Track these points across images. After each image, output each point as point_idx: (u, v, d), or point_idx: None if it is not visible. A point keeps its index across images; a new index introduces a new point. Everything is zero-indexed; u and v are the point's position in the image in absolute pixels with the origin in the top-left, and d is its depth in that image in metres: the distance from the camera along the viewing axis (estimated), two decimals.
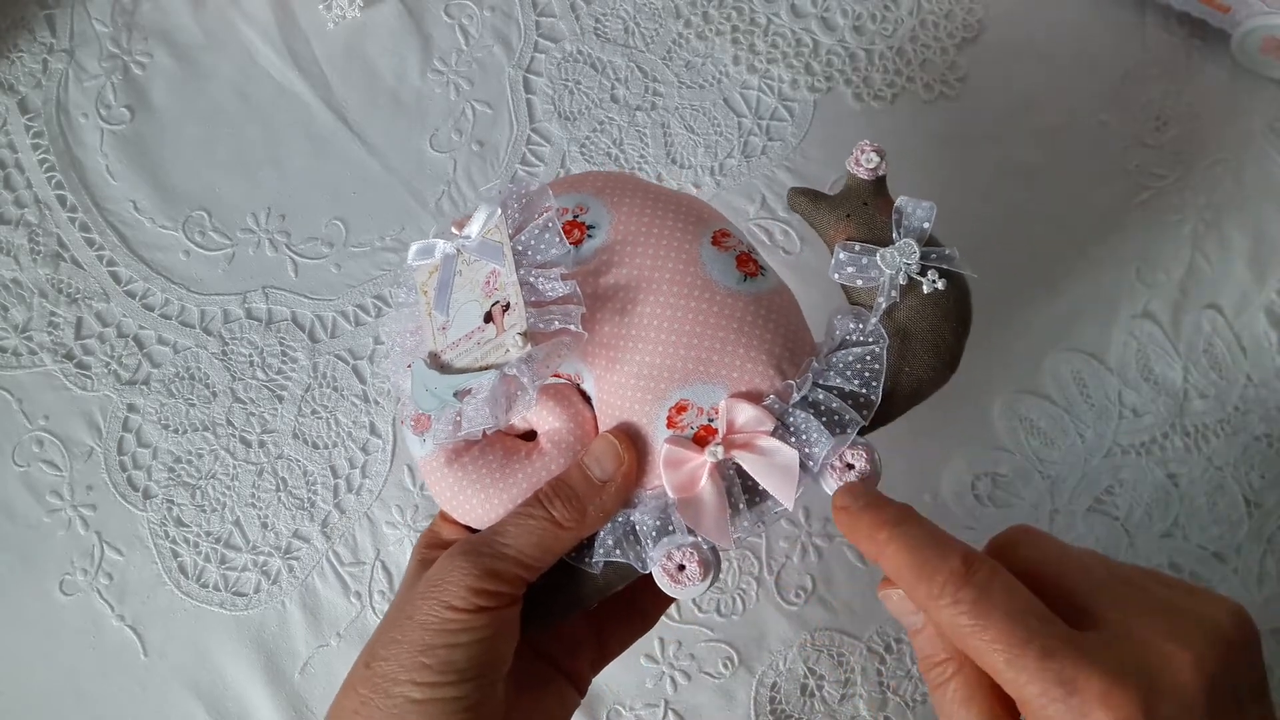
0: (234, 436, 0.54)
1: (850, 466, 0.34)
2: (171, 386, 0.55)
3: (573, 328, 0.35)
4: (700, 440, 0.35)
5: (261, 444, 0.54)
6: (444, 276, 0.38)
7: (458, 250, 0.38)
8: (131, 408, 0.54)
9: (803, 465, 0.34)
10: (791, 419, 0.35)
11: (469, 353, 0.36)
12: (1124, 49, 0.58)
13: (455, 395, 0.36)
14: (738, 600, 0.50)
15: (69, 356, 0.55)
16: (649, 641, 0.50)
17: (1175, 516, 0.51)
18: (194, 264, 0.57)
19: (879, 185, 0.38)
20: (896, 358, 0.36)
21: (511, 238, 0.37)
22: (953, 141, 0.57)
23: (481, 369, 0.35)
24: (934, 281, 0.36)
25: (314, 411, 0.54)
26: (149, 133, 0.59)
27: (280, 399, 0.54)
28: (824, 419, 0.35)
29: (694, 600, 0.36)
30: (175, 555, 0.52)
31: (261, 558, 0.52)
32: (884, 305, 0.36)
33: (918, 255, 0.36)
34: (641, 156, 0.57)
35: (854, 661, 0.50)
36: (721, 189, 0.57)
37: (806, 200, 0.39)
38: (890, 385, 0.36)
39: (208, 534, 0.52)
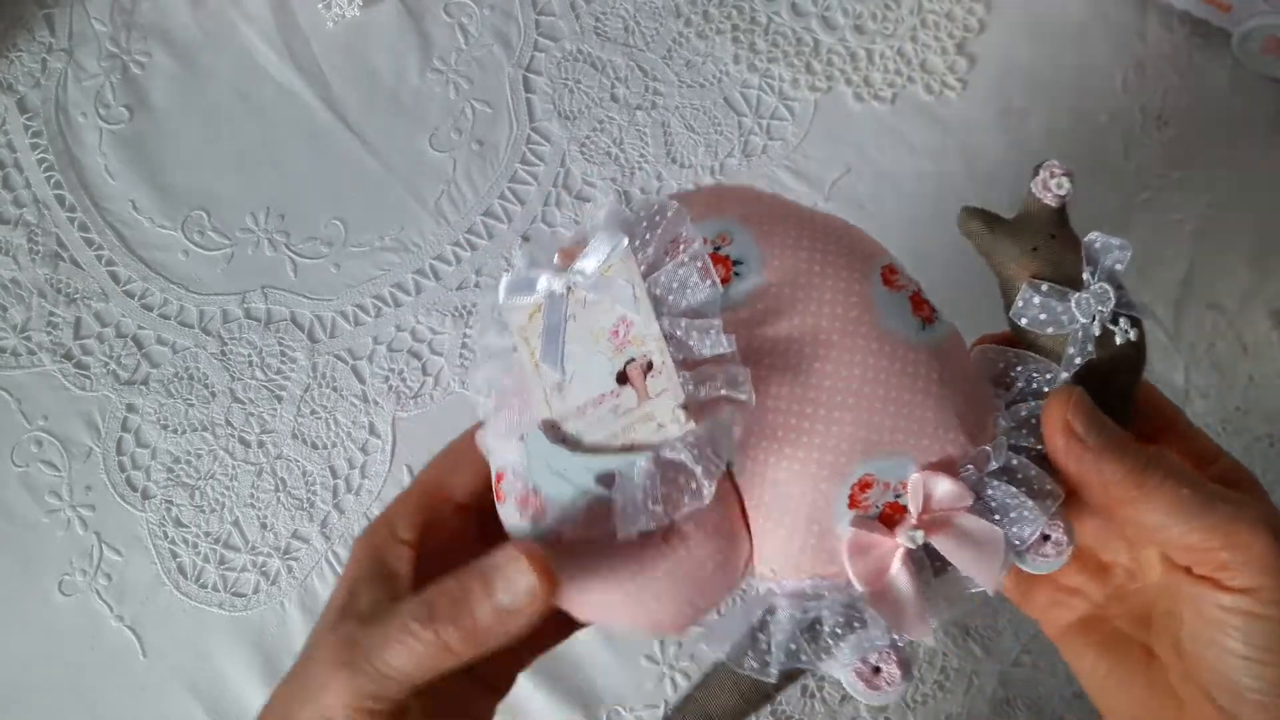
0: (233, 437, 0.54)
1: (1046, 538, 0.30)
2: (170, 386, 0.55)
3: (741, 396, 0.28)
4: (887, 520, 0.30)
5: (261, 444, 0.54)
6: (551, 321, 0.31)
7: (568, 289, 0.31)
8: (130, 408, 0.54)
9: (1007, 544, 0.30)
10: (990, 491, 0.30)
11: (603, 424, 0.29)
12: (1124, 49, 0.58)
13: (597, 481, 0.29)
14: (738, 601, 0.50)
15: (68, 356, 0.55)
16: (649, 642, 0.50)
17: None
18: (193, 264, 0.57)
19: (1063, 215, 0.34)
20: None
21: (646, 275, 0.30)
22: (953, 141, 0.57)
23: (626, 448, 0.29)
24: (1127, 331, 0.32)
25: (313, 412, 0.54)
26: (148, 132, 0.59)
27: (279, 399, 0.54)
28: (1024, 489, 0.30)
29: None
30: (174, 556, 0.52)
31: (260, 558, 0.52)
32: (1077, 359, 0.32)
33: (1114, 302, 0.32)
34: (641, 156, 0.57)
35: None
36: None
37: (982, 226, 0.34)
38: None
39: (207, 534, 0.52)
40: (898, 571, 0.29)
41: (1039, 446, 0.31)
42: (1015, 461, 0.31)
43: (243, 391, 0.54)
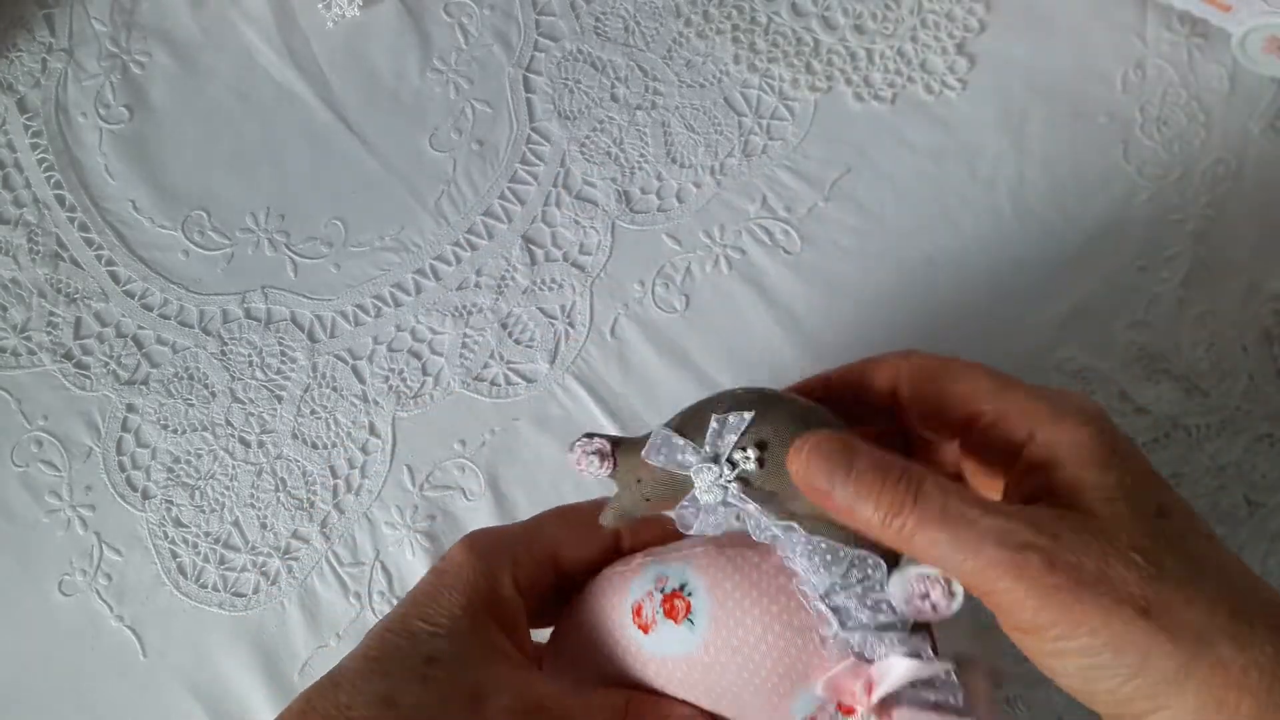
0: (233, 437, 0.54)
1: (925, 595, 0.31)
2: (170, 386, 0.55)
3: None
4: (848, 711, 0.32)
5: (260, 444, 0.54)
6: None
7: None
8: (130, 408, 0.54)
9: (891, 627, 0.31)
10: (856, 645, 0.32)
11: None
12: (1124, 48, 0.58)
13: None
14: None
15: (68, 356, 0.55)
16: None
17: None
18: (193, 264, 0.57)
19: (625, 460, 0.34)
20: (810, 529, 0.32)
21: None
22: (953, 141, 0.57)
23: None
24: (749, 458, 0.32)
25: (313, 412, 0.54)
26: (148, 132, 0.59)
27: (279, 399, 0.54)
28: (860, 611, 0.32)
29: None
30: (174, 556, 0.52)
31: (260, 558, 0.52)
32: (757, 516, 0.32)
33: (710, 467, 0.32)
34: (641, 156, 0.57)
35: None
36: (722, 188, 0.56)
37: (612, 516, 0.35)
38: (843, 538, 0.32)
39: (207, 534, 0.52)
40: None
41: (819, 557, 0.32)
42: (841, 599, 0.32)
43: (243, 391, 0.54)
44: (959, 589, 0.30)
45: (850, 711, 0.32)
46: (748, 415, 0.32)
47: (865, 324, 0.54)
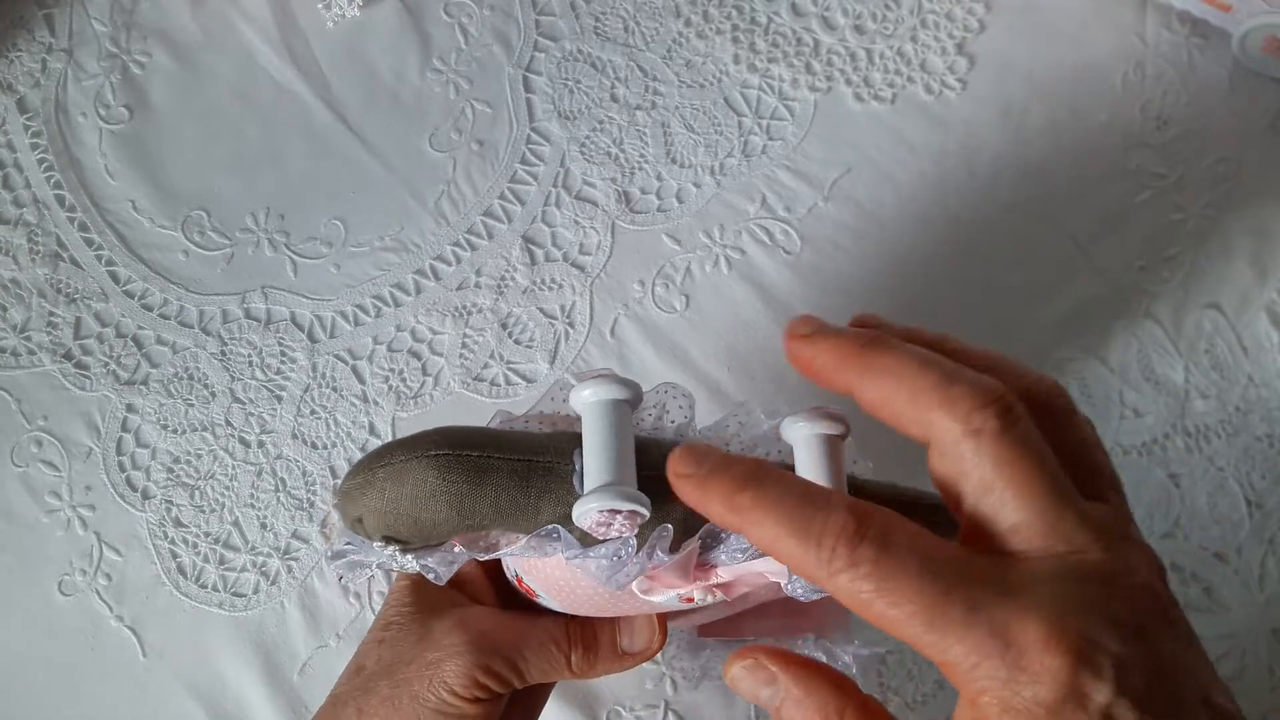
0: (233, 437, 0.54)
1: (609, 524, 0.30)
2: (170, 387, 0.55)
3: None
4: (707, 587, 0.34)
5: (260, 444, 0.54)
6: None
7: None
8: (130, 408, 0.54)
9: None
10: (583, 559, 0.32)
11: None
12: (1124, 48, 0.58)
13: None
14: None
15: (68, 356, 0.55)
16: None
17: (1176, 517, 0.51)
18: (193, 264, 0.57)
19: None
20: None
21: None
22: (953, 141, 0.57)
23: None
24: (394, 555, 0.34)
25: (313, 412, 0.54)
26: (148, 132, 0.59)
27: (279, 399, 0.54)
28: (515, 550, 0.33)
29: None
30: (174, 556, 0.52)
31: (260, 558, 0.52)
32: (368, 553, 0.34)
33: (388, 551, 0.34)
34: (641, 156, 0.57)
35: (854, 662, 0.49)
36: (721, 188, 0.56)
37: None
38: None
39: (206, 534, 0.52)
40: (712, 578, 0.33)
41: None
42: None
43: (243, 391, 0.54)
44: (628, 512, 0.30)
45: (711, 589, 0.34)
46: (335, 519, 0.35)
47: None
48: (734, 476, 0.25)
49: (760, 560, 0.32)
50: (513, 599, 0.39)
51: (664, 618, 0.38)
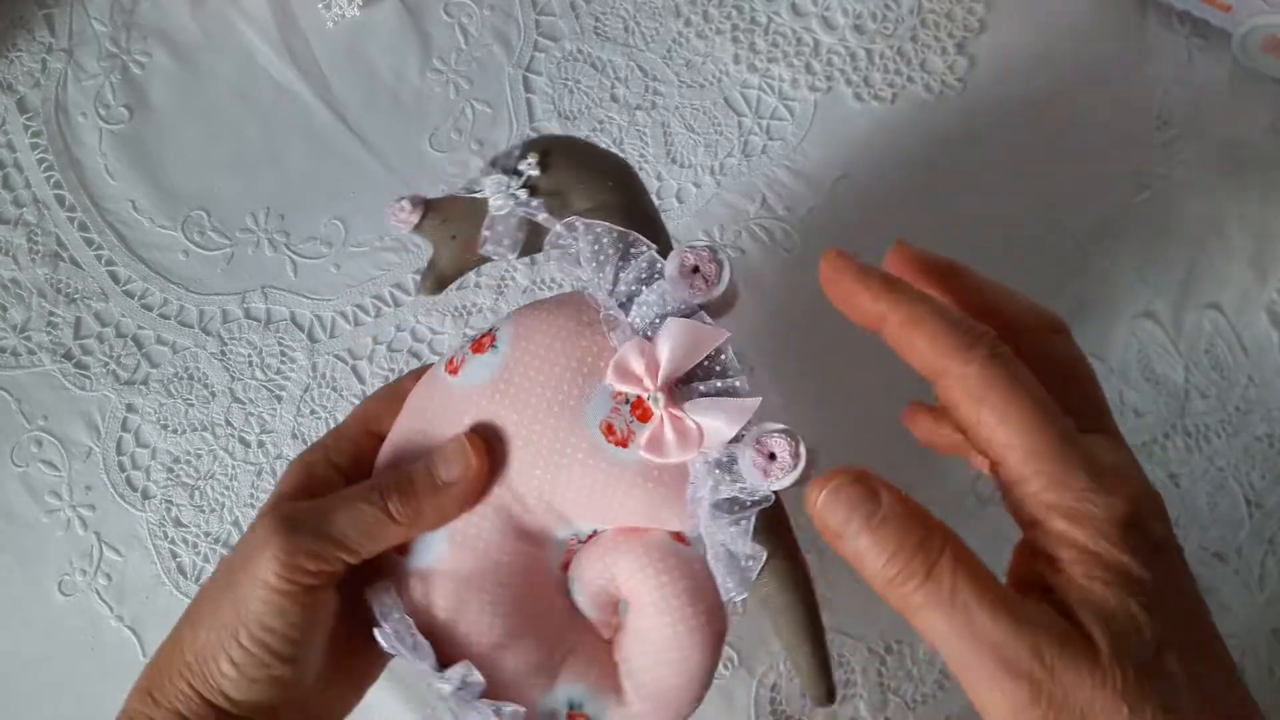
0: (233, 437, 0.54)
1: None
2: (170, 386, 0.55)
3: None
4: (644, 415, 0.34)
5: (260, 444, 0.54)
6: None
7: None
8: (130, 408, 0.54)
9: (678, 314, 0.33)
10: (637, 320, 0.34)
11: None
12: (1124, 48, 0.58)
13: None
14: (738, 601, 0.50)
15: (68, 356, 0.55)
16: None
17: (1176, 517, 0.51)
18: (193, 264, 0.57)
19: (433, 205, 0.37)
20: (574, 212, 0.35)
21: None
22: (953, 141, 0.57)
23: None
24: (531, 163, 0.35)
25: (313, 412, 0.54)
26: (148, 132, 0.59)
27: (279, 399, 0.54)
28: (636, 286, 0.34)
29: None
30: (174, 556, 0.52)
31: None
32: (541, 212, 0.35)
33: (500, 175, 0.36)
34: (641, 156, 0.57)
35: (854, 662, 0.49)
36: (721, 188, 0.56)
37: (430, 277, 0.38)
38: (615, 221, 0.35)
39: (206, 534, 0.52)
40: (685, 415, 0.33)
41: (608, 242, 0.34)
42: (622, 287, 0.34)
43: (243, 391, 0.54)
44: (724, 259, 0.33)
45: (647, 416, 0.33)
46: (529, 133, 0.35)
47: None
48: (887, 274, 0.32)
49: (724, 415, 0.32)
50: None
51: (477, 440, 0.35)
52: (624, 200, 0.36)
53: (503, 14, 0.60)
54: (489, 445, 0.35)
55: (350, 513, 0.34)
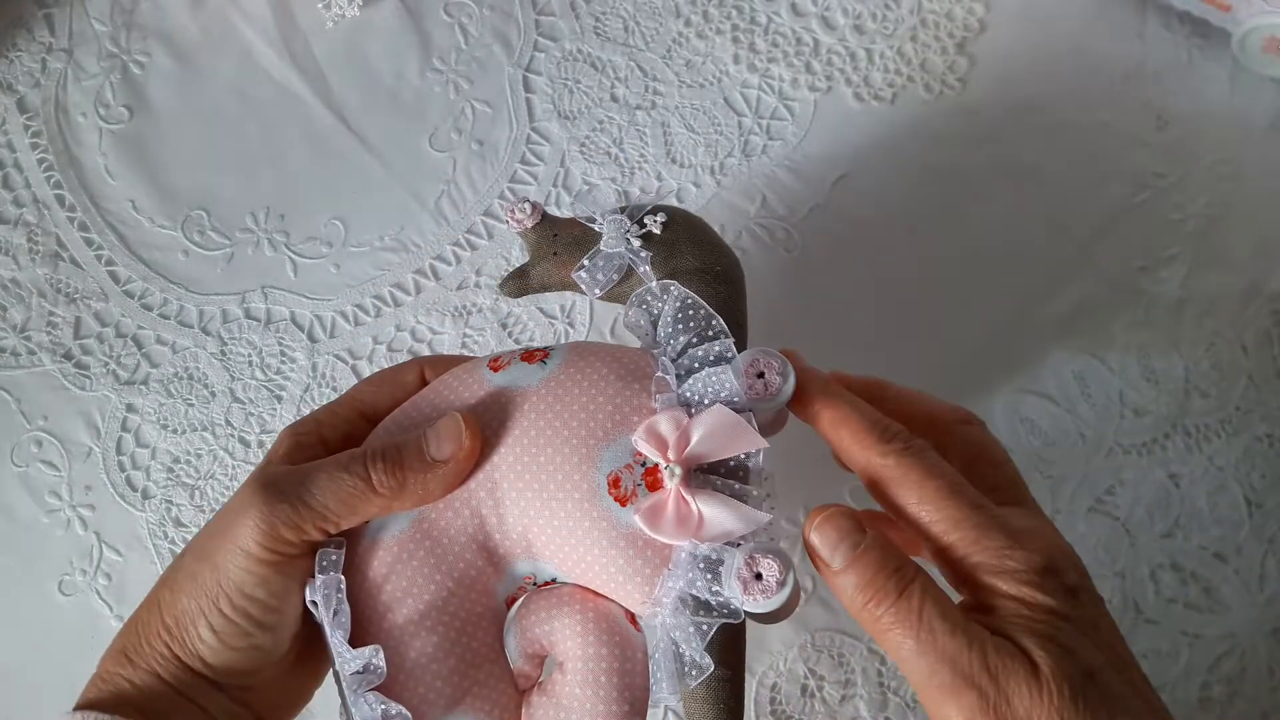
0: (233, 437, 0.54)
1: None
2: (170, 386, 0.55)
3: None
4: (655, 485, 0.33)
5: (260, 444, 0.54)
6: None
7: None
8: (130, 408, 0.54)
9: (732, 406, 0.34)
10: (688, 392, 0.34)
11: None
12: (1124, 48, 0.58)
13: None
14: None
15: (68, 356, 0.55)
16: None
17: (1176, 517, 0.51)
18: (193, 264, 0.57)
19: (550, 218, 0.39)
20: (684, 284, 0.37)
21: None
22: (953, 141, 0.57)
23: None
24: (657, 220, 0.38)
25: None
26: (147, 132, 0.59)
27: (279, 399, 0.54)
28: (699, 364, 0.34)
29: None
30: (174, 555, 0.52)
31: None
32: (644, 264, 0.37)
33: (624, 218, 0.38)
34: (641, 156, 0.57)
35: (854, 662, 0.49)
36: (722, 188, 0.56)
37: (517, 281, 0.39)
38: (708, 302, 0.36)
39: None
40: (696, 504, 0.32)
41: (687, 336, 0.35)
42: (684, 360, 0.35)
43: (242, 391, 0.54)
44: (791, 373, 0.34)
45: (656, 485, 0.33)
46: (660, 199, 0.37)
47: (865, 324, 0.54)
48: (824, 377, 0.36)
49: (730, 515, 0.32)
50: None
51: (472, 418, 0.34)
52: (723, 288, 0.37)
53: (503, 14, 0.60)
54: (473, 424, 0.34)
55: (332, 482, 0.33)
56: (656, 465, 0.33)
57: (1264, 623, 0.50)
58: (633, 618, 0.34)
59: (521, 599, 0.36)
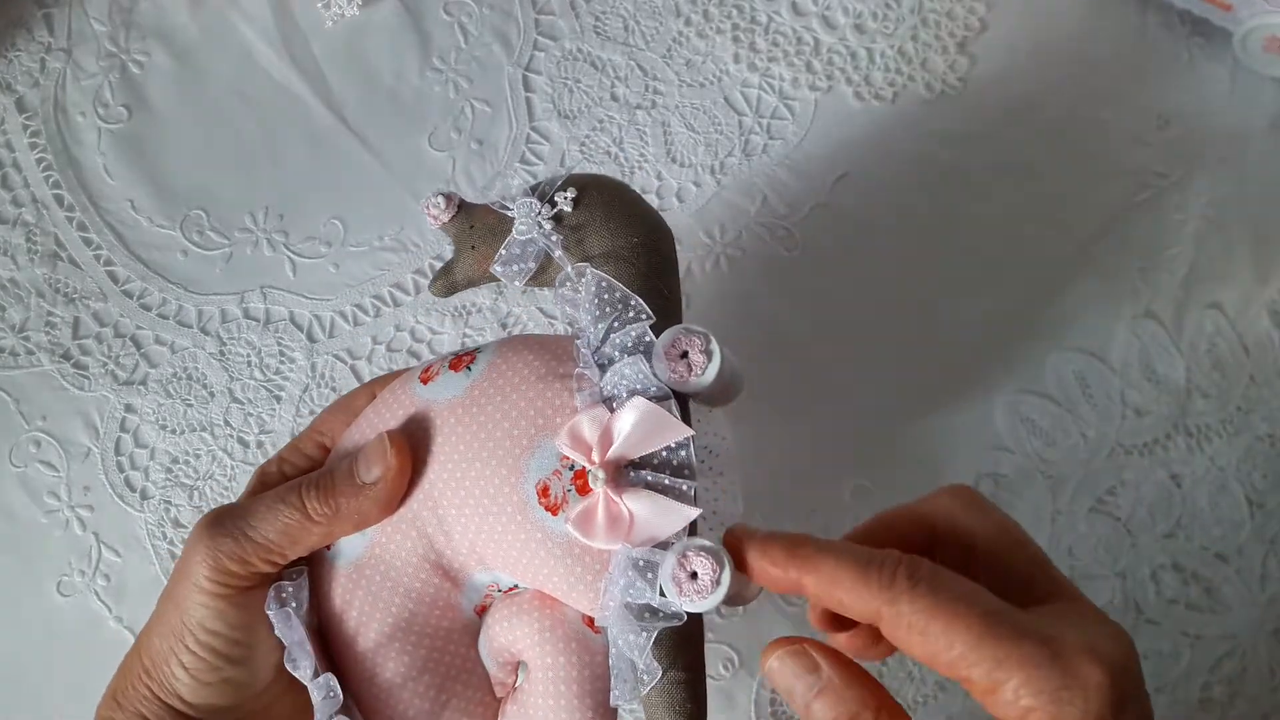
0: (231, 437, 0.54)
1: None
2: (169, 387, 0.55)
3: None
4: (583, 487, 0.32)
5: (259, 444, 0.54)
6: None
7: None
8: (129, 408, 0.54)
9: (651, 396, 0.32)
10: (608, 386, 0.33)
11: None
12: (1125, 48, 0.58)
13: None
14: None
15: (66, 356, 0.55)
16: None
17: (1178, 517, 0.51)
18: (192, 263, 0.57)
19: (466, 209, 0.37)
20: (601, 264, 0.35)
21: None
22: (953, 140, 0.57)
23: None
24: (567, 197, 0.36)
25: (312, 412, 0.54)
26: (147, 132, 0.59)
27: (278, 399, 0.54)
28: (620, 352, 0.33)
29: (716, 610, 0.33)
30: (173, 556, 0.52)
31: None
32: (558, 248, 0.35)
33: (533, 200, 0.36)
34: (641, 155, 0.57)
35: None
36: (722, 188, 0.56)
37: (442, 280, 0.37)
38: (627, 281, 0.35)
39: None
40: (625, 504, 0.31)
41: (607, 319, 0.34)
42: (607, 351, 0.33)
43: (241, 392, 0.54)
44: (715, 349, 0.32)
45: (586, 489, 0.32)
46: (574, 170, 0.36)
47: (865, 324, 0.54)
48: (789, 537, 0.30)
49: (666, 515, 0.31)
50: None
51: (398, 437, 0.34)
52: (644, 262, 0.35)
53: (502, 13, 0.60)
54: (413, 449, 0.34)
55: (270, 513, 0.34)
56: (584, 468, 0.32)
57: (1265, 623, 0.50)
58: (590, 621, 0.34)
59: (490, 608, 0.36)
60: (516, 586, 0.35)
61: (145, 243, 0.57)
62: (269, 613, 0.34)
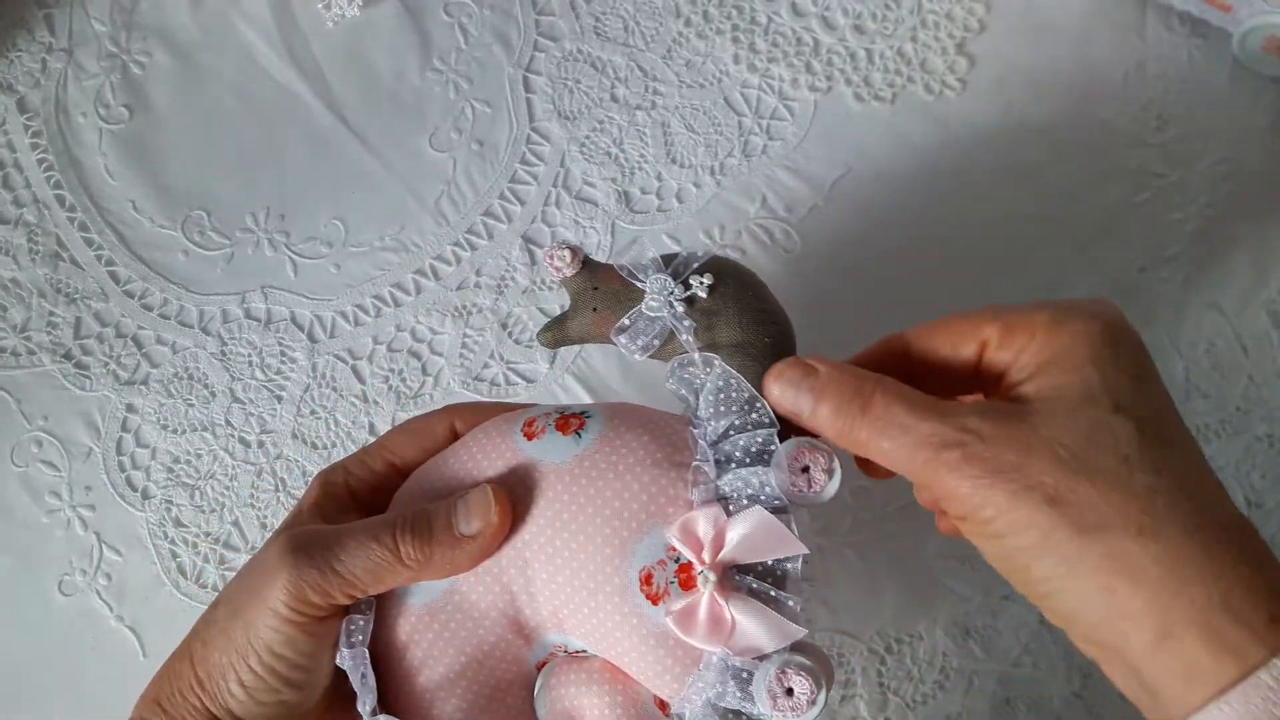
0: (233, 437, 0.54)
1: (805, 469, 0.32)
2: (170, 386, 0.55)
3: None
4: (688, 584, 0.32)
5: (260, 444, 0.54)
6: None
7: None
8: (130, 408, 0.54)
9: (768, 506, 0.32)
10: (726, 487, 0.33)
11: None
12: (1124, 48, 0.58)
13: None
14: None
15: (68, 356, 0.55)
16: None
17: None
18: (193, 264, 0.57)
19: (590, 267, 0.36)
20: (728, 357, 0.35)
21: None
22: (953, 141, 0.57)
23: None
24: (703, 282, 0.35)
25: (313, 412, 0.54)
26: (148, 132, 0.59)
27: (279, 399, 0.54)
28: (740, 453, 0.33)
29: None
30: (174, 556, 0.52)
31: None
32: (686, 333, 0.35)
33: (668, 278, 0.35)
34: (641, 156, 0.57)
35: (854, 662, 0.49)
36: (722, 188, 0.56)
37: (554, 332, 0.37)
38: (753, 380, 0.35)
39: (206, 534, 0.52)
40: (730, 610, 0.31)
41: (733, 419, 0.34)
42: (726, 447, 0.33)
43: (242, 391, 0.54)
44: (837, 468, 0.33)
45: (689, 584, 0.32)
46: (714, 251, 0.36)
47: (865, 324, 0.54)
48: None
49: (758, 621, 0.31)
50: None
51: (502, 494, 0.34)
52: (771, 362, 0.35)
53: (503, 14, 0.60)
54: (511, 505, 0.34)
55: (361, 550, 0.33)
56: (690, 563, 0.32)
57: None
58: (661, 703, 0.34)
59: (550, 663, 0.35)
60: (584, 650, 0.35)
61: (146, 243, 0.57)
62: (342, 651, 0.33)
